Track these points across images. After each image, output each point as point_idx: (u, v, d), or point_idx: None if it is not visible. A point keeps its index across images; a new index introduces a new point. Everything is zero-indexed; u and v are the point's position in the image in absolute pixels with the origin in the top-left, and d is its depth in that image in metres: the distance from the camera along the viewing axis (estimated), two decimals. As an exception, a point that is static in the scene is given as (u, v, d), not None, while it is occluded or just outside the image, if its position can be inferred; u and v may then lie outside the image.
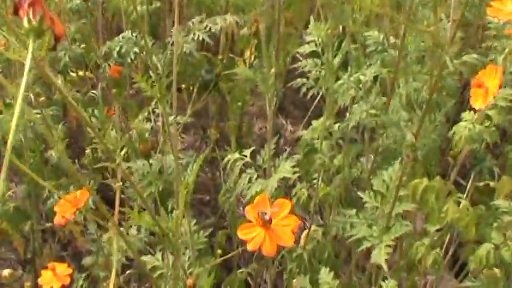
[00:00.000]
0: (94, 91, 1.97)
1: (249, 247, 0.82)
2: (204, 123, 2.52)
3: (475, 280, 1.27)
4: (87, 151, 2.06)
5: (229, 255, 1.02)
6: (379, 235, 1.08)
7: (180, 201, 0.84)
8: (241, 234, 0.84)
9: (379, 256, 1.04)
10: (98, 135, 0.66)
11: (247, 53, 2.21)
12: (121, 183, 0.66)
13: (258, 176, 1.32)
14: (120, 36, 1.44)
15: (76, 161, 2.31)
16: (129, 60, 1.20)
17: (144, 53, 1.17)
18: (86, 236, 1.68)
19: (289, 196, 1.68)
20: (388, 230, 1.08)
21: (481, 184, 1.60)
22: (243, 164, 1.34)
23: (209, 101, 2.36)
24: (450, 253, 1.76)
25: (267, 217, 0.80)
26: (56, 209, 1.23)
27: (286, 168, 1.25)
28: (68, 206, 1.19)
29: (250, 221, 0.83)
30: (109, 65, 1.82)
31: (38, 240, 2.00)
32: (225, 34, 2.32)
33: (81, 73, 2.11)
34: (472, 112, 1.14)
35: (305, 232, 1.52)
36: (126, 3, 1.86)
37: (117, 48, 1.43)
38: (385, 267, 1.04)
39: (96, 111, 1.40)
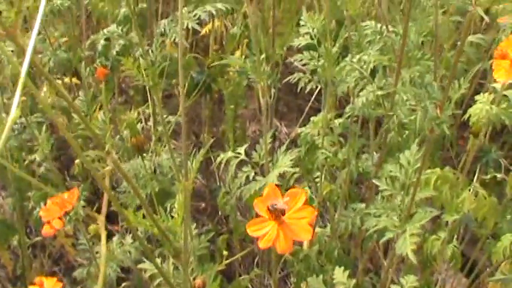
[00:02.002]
0: (82, 98, 1.89)
1: (261, 245, 0.72)
2: (197, 129, 2.45)
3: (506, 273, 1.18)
4: (77, 161, 1.98)
5: (232, 259, 0.93)
6: (401, 224, 0.99)
7: (181, 199, 0.76)
8: (251, 230, 0.73)
9: (405, 246, 0.94)
10: (84, 120, 0.58)
11: (237, 54, 2.14)
12: (110, 168, 0.57)
13: (256, 174, 1.22)
14: (105, 30, 1.35)
15: (65, 172, 2.24)
16: (114, 53, 1.11)
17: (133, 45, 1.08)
18: (77, 249, 1.60)
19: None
20: (410, 218, 0.99)
21: (488, 177, 1.54)
22: (239, 163, 1.25)
23: (201, 106, 2.29)
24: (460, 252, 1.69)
25: (279, 208, 0.70)
26: (41, 213, 1.13)
27: (285, 163, 1.16)
28: (55, 210, 1.10)
29: (260, 216, 0.73)
30: (95, 67, 1.74)
31: (27, 255, 1.91)
32: (214, 37, 2.26)
33: (66, 79, 2.04)
34: (487, 94, 1.07)
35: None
36: (112, 7, 1.79)
37: (102, 41, 1.34)
38: (412, 258, 0.95)
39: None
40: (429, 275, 1.47)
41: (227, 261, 0.94)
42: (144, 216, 0.74)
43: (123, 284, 1.82)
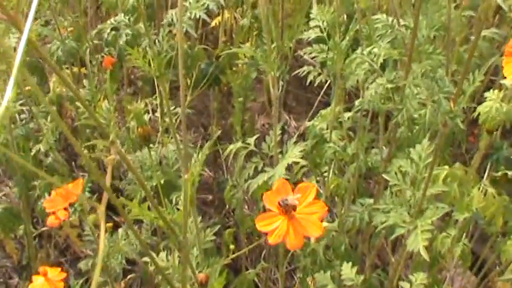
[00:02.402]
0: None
1: (271, 240, 0.70)
2: (205, 121, 2.44)
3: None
4: (84, 150, 1.98)
5: (239, 253, 0.92)
6: (412, 220, 0.97)
7: (186, 191, 0.74)
8: (260, 225, 0.71)
9: (416, 242, 0.93)
10: (88, 108, 0.56)
11: (247, 45, 2.12)
12: (114, 157, 0.56)
13: (265, 165, 1.20)
14: (112, 19, 1.34)
15: (73, 163, 2.24)
16: (121, 42, 1.10)
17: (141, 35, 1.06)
18: (83, 240, 1.59)
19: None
20: (421, 214, 0.97)
21: (499, 174, 1.52)
22: (248, 156, 1.24)
23: (210, 98, 2.28)
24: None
25: (290, 204, 0.68)
26: (45, 204, 1.12)
27: (295, 154, 1.14)
28: (59, 201, 1.09)
29: (269, 210, 0.71)
30: (102, 56, 1.73)
31: (33, 245, 1.91)
32: (224, 29, 2.24)
33: (75, 69, 2.03)
34: (496, 91, 1.04)
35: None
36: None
37: (108, 31, 1.33)
38: (424, 254, 0.93)
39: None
40: (437, 272, 1.45)
41: (233, 255, 0.93)
42: (149, 208, 0.73)
43: (129, 276, 1.81)
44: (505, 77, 0.88)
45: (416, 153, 0.99)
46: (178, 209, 0.90)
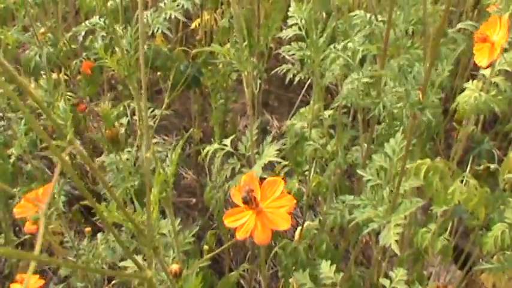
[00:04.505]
0: (69, 93, 1.87)
1: (238, 235, 0.69)
2: (187, 124, 2.43)
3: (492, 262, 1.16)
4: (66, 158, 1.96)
5: (216, 251, 0.91)
6: (386, 215, 0.96)
7: (155, 192, 0.73)
8: (228, 221, 0.70)
9: (388, 237, 0.91)
10: (45, 109, 0.55)
11: (227, 46, 2.11)
12: (72, 147, 0.54)
13: (242, 166, 1.19)
14: (87, 22, 1.32)
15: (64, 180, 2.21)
16: (97, 45, 1.08)
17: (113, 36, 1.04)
18: (64, 246, 1.57)
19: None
20: (396, 209, 0.96)
21: (481, 167, 1.51)
22: (227, 156, 1.22)
23: (191, 101, 2.27)
24: (453, 244, 1.67)
25: (251, 195, 0.67)
26: (15, 211, 1.10)
27: (271, 153, 1.13)
28: (29, 207, 1.07)
29: (238, 206, 0.70)
30: (81, 61, 1.71)
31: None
32: (204, 31, 2.23)
33: (54, 75, 2.01)
34: (475, 81, 1.04)
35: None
36: (100, 1, 1.76)
37: (83, 33, 1.31)
38: (396, 249, 0.92)
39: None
40: (421, 268, 1.44)
41: (211, 254, 0.91)
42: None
43: (113, 282, 1.79)
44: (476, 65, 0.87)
45: (390, 147, 0.98)
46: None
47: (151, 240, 0.69)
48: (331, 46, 1.21)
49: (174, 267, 0.87)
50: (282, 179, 1.66)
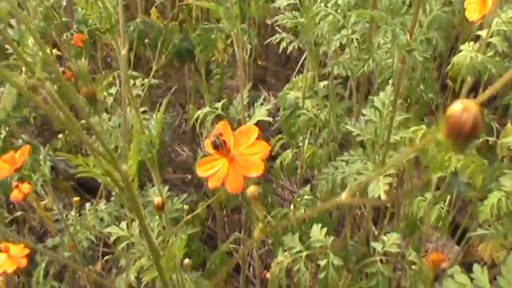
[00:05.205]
0: (62, 68, 1.84)
1: (210, 184, 0.66)
2: (183, 100, 2.40)
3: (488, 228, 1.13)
4: (60, 136, 1.94)
5: (197, 211, 0.88)
6: (375, 168, 0.93)
7: (134, 148, 0.70)
8: (200, 170, 0.67)
9: (377, 188, 0.88)
10: (14, 47, 0.52)
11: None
12: (39, 84, 0.51)
13: (233, 129, 1.15)
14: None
15: (48, 145, 2.19)
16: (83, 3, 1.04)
17: None
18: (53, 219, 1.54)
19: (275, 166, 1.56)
20: (385, 163, 0.93)
21: (480, 141, 1.48)
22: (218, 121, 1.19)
23: (186, 77, 2.24)
24: (451, 219, 1.64)
25: (218, 140, 0.64)
26: (-12, 171, 1.07)
27: (261, 113, 1.10)
28: (5, 169, 1.04)
29: (210, 155, 0.67)
30: (71, 34, 1.68)
31: (9, 231, 1.86)
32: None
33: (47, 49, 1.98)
34: (472, 43, 1.00)
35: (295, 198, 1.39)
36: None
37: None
38: (384, 197, 0.88)
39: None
40: (418, 241, 1.41)
41: (190, 216, 0.88)
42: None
43: (106, 257, 1.77)
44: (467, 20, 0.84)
45: (380, 100, 0.95)
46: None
47: (132, 195, 0.66)
48: (320, 3, 1.17)
49: (158, 199, 0.84)
50: (278, 152, 1.63)
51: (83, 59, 1.50)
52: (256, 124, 1.14)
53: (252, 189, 0.66)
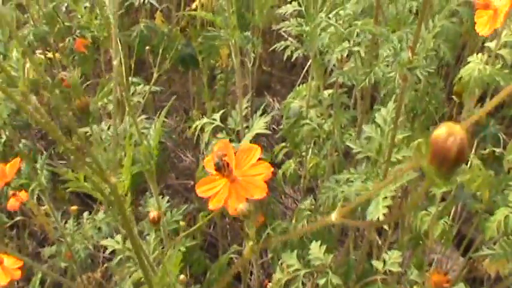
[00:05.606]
0: (64, 72, 1.82)
1: (211, 205, 0.64)
2: (187, 106, 2.38)
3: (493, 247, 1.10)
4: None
5: (197, 225, 0.86)
6: (375, 188, 0.90)
7: (127, 163, 0.68)
8: (200, 191, 0.65)
9: (377, 210, 0.86)
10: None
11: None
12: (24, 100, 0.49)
13: (231, 141, 1.14)
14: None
15: (45, 153, 2.17)
16: (83, 10, 1.02)
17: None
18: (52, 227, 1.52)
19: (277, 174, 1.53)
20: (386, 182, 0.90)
21: (486, 151, 1.46)
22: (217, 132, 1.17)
23: (189, 82, 2.22)
24: (456, 230, 1.61)
25: (224, 162, 0.62)
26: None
27: (260, 125, 1.07)
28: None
29: (211, 174, 0.65)
30: (74, 38, 1.66)
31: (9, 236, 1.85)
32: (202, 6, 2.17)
33: (49, 55, 1.96)
34: (480, 54, 0.98)
35: (296, 210, 1.37)
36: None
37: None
38: (381, 217, 0.85)
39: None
40: (421, 254, 1.39)
41: (187, 232, 0.86)
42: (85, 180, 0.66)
43: (106, 265, 1.75)
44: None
45: (381, 117, 0.92)
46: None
47: (122, 210, 0.64)
48: (322, 14, 1.15)
49: (153, 214, 0.82)
50: (282, 161, 1.61)
51: (77, 69, 1.48)
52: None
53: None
